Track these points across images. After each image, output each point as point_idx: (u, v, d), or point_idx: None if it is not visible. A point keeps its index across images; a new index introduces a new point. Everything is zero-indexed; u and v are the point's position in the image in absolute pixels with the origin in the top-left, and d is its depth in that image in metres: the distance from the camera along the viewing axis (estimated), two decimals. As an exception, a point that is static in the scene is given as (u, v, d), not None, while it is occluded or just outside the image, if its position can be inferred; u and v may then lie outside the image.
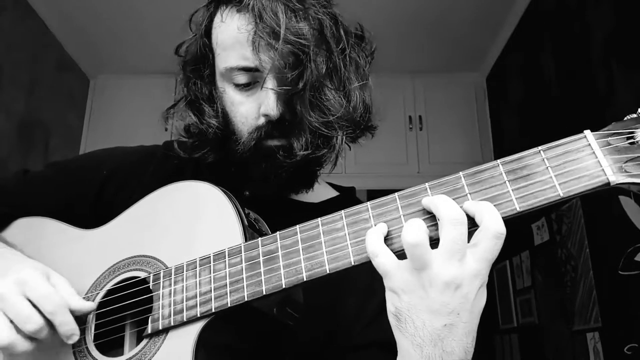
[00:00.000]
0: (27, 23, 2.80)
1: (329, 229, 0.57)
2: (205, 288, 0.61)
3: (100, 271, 0.70)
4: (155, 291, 0.64)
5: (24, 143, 2.78)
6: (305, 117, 0.72)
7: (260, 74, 0.72)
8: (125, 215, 0.73)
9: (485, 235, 0.50)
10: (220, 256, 0.62)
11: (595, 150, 0.51)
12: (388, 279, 0.52)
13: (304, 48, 0.69)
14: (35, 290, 0.62)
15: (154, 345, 0.62)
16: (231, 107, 0.76)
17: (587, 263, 2.08)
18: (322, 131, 0.73)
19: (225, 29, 0.75)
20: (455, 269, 0.49)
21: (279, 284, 0.57)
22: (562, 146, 0.52)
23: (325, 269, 0.56)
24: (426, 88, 3.40)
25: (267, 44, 0.69)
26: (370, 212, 0.56)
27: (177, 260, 0.65)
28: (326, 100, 0.74)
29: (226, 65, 0.75)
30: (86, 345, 0.66)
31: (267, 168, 0.74)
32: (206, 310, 0.60)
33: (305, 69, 0.70)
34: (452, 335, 0.50)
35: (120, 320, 0.67)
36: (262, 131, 0.74)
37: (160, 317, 0.62)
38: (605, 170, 0.50)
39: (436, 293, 0.50)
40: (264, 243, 0.60)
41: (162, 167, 0.85)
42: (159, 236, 0.69)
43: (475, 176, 0.54)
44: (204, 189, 0.68)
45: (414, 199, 0.55)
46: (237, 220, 0.64)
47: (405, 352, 0.53)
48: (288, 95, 0.72)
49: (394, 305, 0.53)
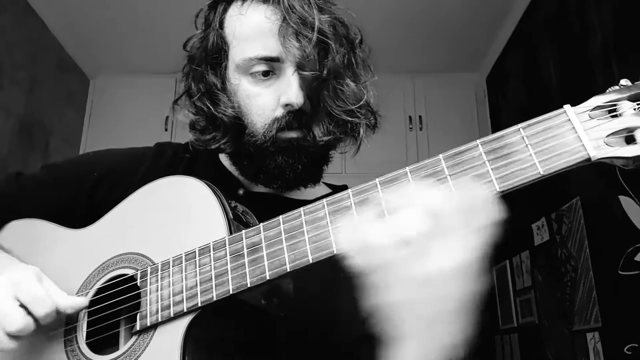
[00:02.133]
0: (27, 23, 2.80)
1: (311, 218, 0.57)
2: (191, 283, 0.61)
3: (89, 270, 0.71)
4: (142, 288, 0.65)
5: (24, 143, 2.78)
6: (328, 104, 0.75)
7: (279, 64, 0.73)
8: (113, 213, 0.74)
9: None
10: (205, 250, 0.62)
11: (575, 125, 0.49)
12: None
13: (330, 38, 0.72)
14: (27, 293, 0.62)
15: (143, 342, 0.62)
16: (246, 99, 0.76)
17: (587, 263, 2.08)
18: (345, 118, 0.75)
19: (245, 20, 0.75)
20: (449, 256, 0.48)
21: (263, 276, 0.57)
22: (542, 123, 0.51)
23: (308, 259, 0.55)
24: (426, 88, 3.40)
25: (295, 33, 0.71)
26: (352, 199, 0.55)
27: (164, 256, 0.65)
28: (347, 89, 0.76)
29: (244, 56, 0.75)
30: (78, 344, 0.66)
31: (285, 160, 0.75)
32: (192, 305, 0.60)
33: (331, 58, 0.72)
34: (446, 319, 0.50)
35: (111, 318, 0.68)
36: (283, 122, 0.74)
37: (148, 314, 0.63)
38: (585, 145, 0.48)
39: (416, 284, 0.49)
40: (248, 235, 0.60)
41: (153, 167, 0.85)
42: (145, 233, 0.69)
43: (455, 158, 0.53)
44: (189, 184, 0.68)
45: (394, 183, 0.54)
46: (221, 213, 0.64)
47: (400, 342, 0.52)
48: (313, 83, 0.73)
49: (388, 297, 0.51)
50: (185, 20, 0.89)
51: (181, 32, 0.87)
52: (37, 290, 0.63)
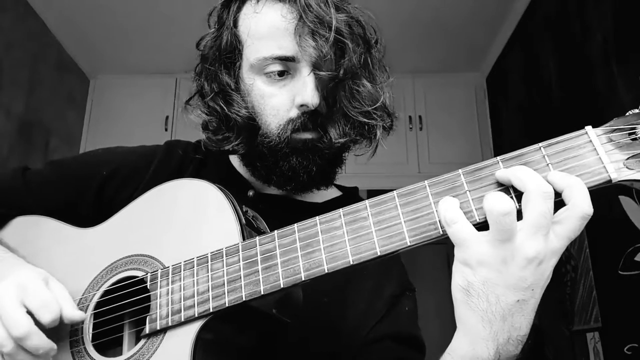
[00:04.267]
0: (27, 23, 2.80)
1: (327, 227, 0.57)
2: (202, 287, 0.61)
3: (97, 270, 0.70)
4: (152, 291, 0.64)
5: (24, 143, 2.78)
6: (344, 105, 0.73)
7: (294, 64, 0.72)
8: (123, 214, 0.73)
9: (574, 213, 0.48)
10: (218, 255, 0.61)
11: (597, 146, 0.49)
12: (463, 250, 0.49)
13: (347, 38, 0.71)
14: (34, 298, 0.61)
15: (152, 345, 0.62)
16: (260, 100, 0.74)
17: (587, 263, 2.07)
18: (362, 120, 0.74)
19: (261, 19, 0.74)
20: (539, 245, 0.47)
21: (277, 284, 0.57)
22: (562, 142, 0.51)
23: (323, 269, 0.55)
24: (426, 88, 3.40)
25: (312, 32, 0.69)
26: (369, 211, 0.55)
27: (174, 259, 0.65)
28: (364, 90, 0.74)
29: (258, 55, 0.73)
30: (84, 346, 0.66)
31: (299, 162, 0.73)
32: (204, 310, 0.59)
33: (348, 58, 0.71)
34: (523, 310, 0.49)
35: (118, 320, 0.67)
36: (298, 123, 0.73)
37: (158, 317, 0.62)
38: (606, 167, 0.49)
39: (516, 268, 0.48)
40: (262, 242, 0.60)
41: (163, 166, 0.84)
42: (156, 235, 0.68)
43: (474, 174, 0.53)
44: (202, 187, 0.68)
45: (413, 196, 0.54)
46: (234, 218, 0.63)
47: (470, 327, 0.50)
48: (330, 83, 0.72)
49: (465, 279, 0.50)
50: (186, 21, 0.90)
51: (181, 32, 0.88)
52: (44, 295, 0.62)
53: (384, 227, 0.54)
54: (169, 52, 3.19)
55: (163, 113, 3.31)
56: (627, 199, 1.80)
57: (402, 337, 0.74)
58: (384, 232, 0.54)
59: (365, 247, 0.54)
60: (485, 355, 0.50)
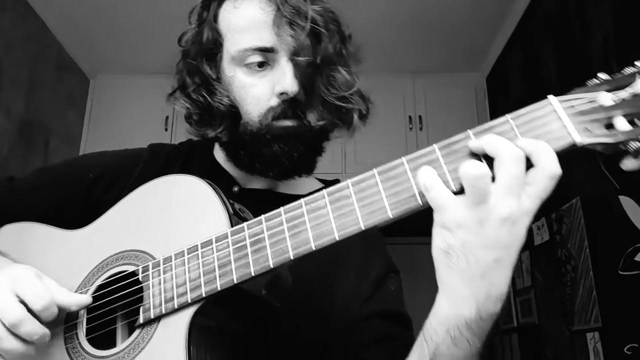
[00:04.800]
0: (27, 23, 2.80)
1: (312, 208, 0.58)
2: (194, 274, 0.62)
3: (88, 269, 0.71)
4: (144, 282, 0.65)
5: (24, 143, 2.78)
6: (322, 91, 0.77)
7: (273, 55, 0.75)
8: (111, 213, 0.74)
9: (543, 174, 0.50)
10: (208, 243, 0.63)
11: (560, 114, 0.53)
12: (442, 214, 0.52)
13: (323, 27, 0.75)
14: (26, 286, 0.62)
15: (146, 334, 0.63)
16: (241, 90, 0.77)
17: (587, 263, 2.08)
18: (338, 104, 0.77)
19: (240, 13, 0.78)
20: (512, 206, 0.50)
21: (266, 265, 0.58)
22: (529, 113, 0.55)
23: (310, 246, 0.57)
24: (426, 88, 3.40)
25: (289, 23, 0.73)
26: (351, 189, 0.57)
27: (165, 252, 0.66)
28: (340, 77, 0.78)
29: (239, 47, 0.76)
30: (79, 341, 0.67)
31: (281, 148, 0.76)
32: (197, 295, 0.60)
33: (324, 46, 0.75)
34: (500, 269, 0.51)
35: (112, 314, 0.68)
36: (278, 110, 0.75)
37: (152, 307, 0.63)
38: (570, 131, 0.52)
39: (492, 228, 0.50)
40: (250, 227, 0.61)
41: (148, 168, 0.86)
42: (145, 230, 0.69)
43: (449, 147, 0.56)
44: (188, 182, 0.69)
45: (393, 172, 0.57)
46: (222, 209, 0.65)
47: (451, 288, 0.53)
48: (307, 70, 0.75)
49: (445, 241, 0.52)
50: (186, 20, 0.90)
51: (181, 32, 0.88)
52: (35, 283, 0.63)
53: (367, 204, 0.56)
54: (169, 52, 3.16)
55: (163, 113, 3.30)
56: (627, 199, 1.80)
57: (389, 315, 0.77)
58: (367, 208, 0.56)
59: (350, 222, 0.56)
60: (467, 313, 0.52)
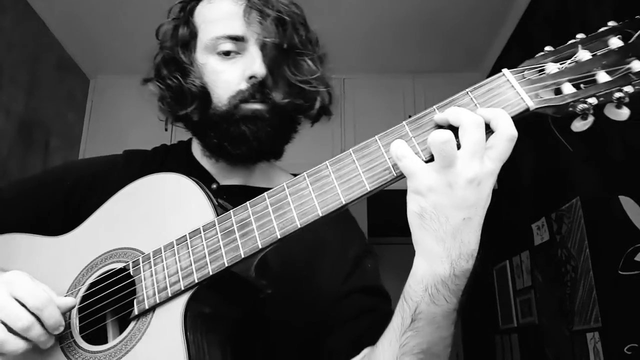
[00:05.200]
0: (27, 23, 2.80)
1: (294, 189, 0.62)
2: (185, 263, 0.64)
3: (77, 271, 0.71)
4: (136, 276, 0.66)
5: (24, 143, 2.78)
6: (287, 74, 0.82)
7: (244, 44, 0.81)
8: (95, 216, 0.75)
9: (501, 138, 0.56)
10: (196, 233, 0.65)
11: (513, 83, 0.59)
12: (414, 179, 0.57)
13: (290, 17, 0.81)
14: (21, 288, 0.63)
15: (142, 326, 0.63)
16: (213, 75, 0.82)
17: (587, 263, 2.08)
18: (302, 85, 0.82)
19: (214, 6, 0.84)
20: (476, 168, 0.55)
21: (255, 246, 0.61)
22: (485, 85, 0.60)
23: (296, 224, 0.60)
24: (426, 88, 3.39)
25: (259, 12, 0.79)
26: (330, 168, 0.61)
27: (154, 246, 0.67)
28: (305, 64, 0.84)
29: (211, 35, 0.82)
30: (73, 339, 0.67)
31: (249, 129, 0.79)
32: (189, 282, 0.62)
33: (289, 33, 0.81)
34: (469, 227, 0.56)
35: (105, 310, 0.69)
36: (247, 93, 0.79)
37: (145, 297, 0.64)
38: (523, 98, 0.58)
39: (460, 189, 0.55)
40: (236, 213, 0.64)
41: (125, 173, 0.86)
42: (132, 228, 0.70)
43: (417, 122, 0.61)
44: (172, 178, 0.71)
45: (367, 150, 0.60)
46: (207, 201, 0.66)
47: (426, 248, 0.57)
48: (274, 53, 0.80)
49: (418, 205, 0.57)
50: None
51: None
52: (31, 284, 0.63)
53: (345, 180, 0.60)
54: (169, 52, 3.18)
55: (163, 113, 3.30)
56: (627, 199, 1.80)
57: (367, 289, 0.81)
58: (346, 184, 0.60)
59: (331, 199, 0.60)
60: (441, 270, 0.56)
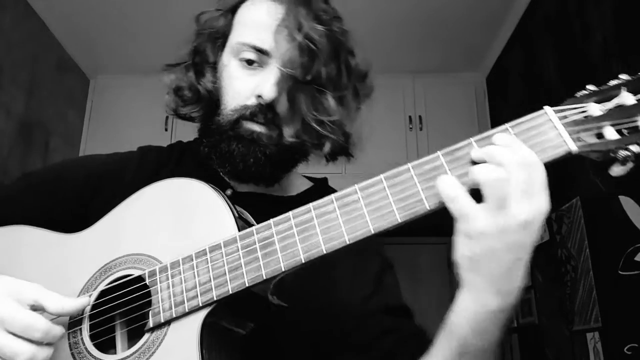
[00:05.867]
0: (27, 23, 2.80)
1: (320, 212, 0.60)
2: (204, 278, 0.62)
3: (90, 273, 0.69)
4: (152, 286, 0.65)
5: (24, 143, 2.78)
6: (303, 110, 0.77)
7: (267, 58, 0.77)
8: (111, 216, 0.73)
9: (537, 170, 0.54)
10: (216, 247, 0.63)
11: (556, 123, 0.57)
12: (466, 223, 0.54)
13: (320, 49, 0.76)
14: (15, 324, 0.58)
15: (157, 338, 0.63)
16: (228, 80, 0.80)
17: (587, 263, 2.08)
18: (315, 127, 0.77)
19: (252, 9, 0.81)
20: (529, 208, 0.53)
21: (278, 267, 0.59)
22: (526, 122, 0.58)
23: (321, 250, 0.58)
24: (426, 88, 3.39)
25: (289, 34, 0.75)
26: (359, 194, 0.59)
27: (171, 255, 0.65)
28: (326, 103, 0.78)
29: (239, 39, 0.79)
30: (85, 346, 0.66)
31: (239, 149, 0.77)
32: (208, 299, 0.61)
33: (317, 66, 0.76)
34: (519, 266, 0.55)
35: (118, 318, 0.67)
36: (249, 111, 0.76)
37: (161, 310, 0.63)
38: (566, 140, 0.56)
39: (513, 234, 0.53)
40: (259, 231, 0.62)
41: (139, 171, 0.85)
42: (149, 234, 0.69)
43: (452, 154, 0.58)
44: (192, 185, 0.69)
45: (399, 177, 0.58)
46: (228, 212, 0.65)
47: (477, 288, 0.56)
48: (291, 83, 0.76)
49: (470, 250, 0.55)
50: (186, 20, 0.90)
51: (181, 32, 0.88)
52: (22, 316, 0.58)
53: (375, 208, 0.58)
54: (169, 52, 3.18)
55: (163, 113, 3.28)
56: (627, 199, 1.80)
57: (391, 308, 0.80)
58: (376, 212, 0.58)
59: (360, 226, 0.58)
60: (492, 308, 0.55)
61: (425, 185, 0.58)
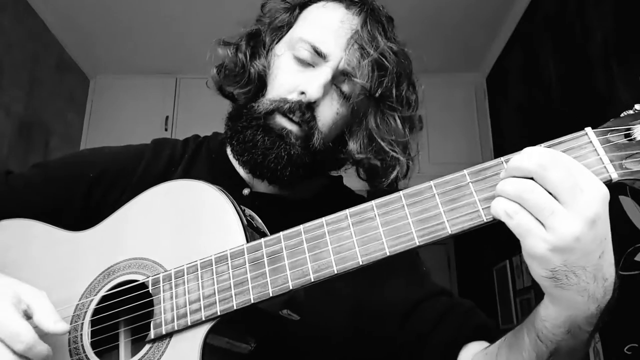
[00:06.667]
0: (27, 23, 2.80)
1: (333, 228, 0.57)
2: (208, 291, 0.60)
3: (94, 275, 0.68)
4: (155, 295, 0.63)
5: (24, 143, 2.78)
6: (371, 124, 0.76)
7: (322, 60, 0.76)
8: (117, 216, 0.71)
9: None
10: (222, 258, 0.60)
11: (597, 147, 0.51)
12: (529, 240, 0.49)
13: (391, 65, 0.76)
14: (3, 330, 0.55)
15: (157, 350, 0.61)
16: (276, 70, 0.79)
17: (587, 263, 2.07)
18: (384, 146, 0.76)
19: (323, 11, 0.80)
20: (589, 202, 0.48)
21: (285, 286, 0.57)
22: (564, 143, 0.52)
23: (332, 270, 0.55)
24: (426, 88, 3.38)
25: (363, 48, 0.75)
26: (376, 211, 0.56)
27: (175, 262, 0.63)
28: (394, 122, 0.78)
29: (301, 35, 0.78)
30: (85, 353, 0.64)
31: (262, 140, 0.75)
32: (211, 313, 0.59)
33: (387, 83, 0.75)
34: (605, 260, 0.51)
35: (119, 325, 0.66)
36: (287, 105, 0.75)
37: (163, 322, 0.61)
38: (607, 167, 0.50)
39: (586, 235, 0.48)
40: (268, 244, 0.59)
41: (151, 166, 0.84)
42: (155, 238, 0.67)
43: (480, 174, 0.54)
44: (201, 188, 0.67)
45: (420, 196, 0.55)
46: (236, 219, 0.62)
47: (569, 302, 0.51)
48: (361, 99, 0.75)
49: (546, 270, 0.50)
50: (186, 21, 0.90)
51: (181, 32, 0.88)
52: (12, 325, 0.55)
53: (392, 228, 0.54)
54: (169, 52, 3.19)
55: (163, 113, 3.30)
56: (627, 199, 1.80)
57: (438, 293, 0.78)
58: (392, 233, 0.54)
59: (374, 247, 0.54)
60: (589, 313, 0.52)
61: (448, 207, 0.53)
